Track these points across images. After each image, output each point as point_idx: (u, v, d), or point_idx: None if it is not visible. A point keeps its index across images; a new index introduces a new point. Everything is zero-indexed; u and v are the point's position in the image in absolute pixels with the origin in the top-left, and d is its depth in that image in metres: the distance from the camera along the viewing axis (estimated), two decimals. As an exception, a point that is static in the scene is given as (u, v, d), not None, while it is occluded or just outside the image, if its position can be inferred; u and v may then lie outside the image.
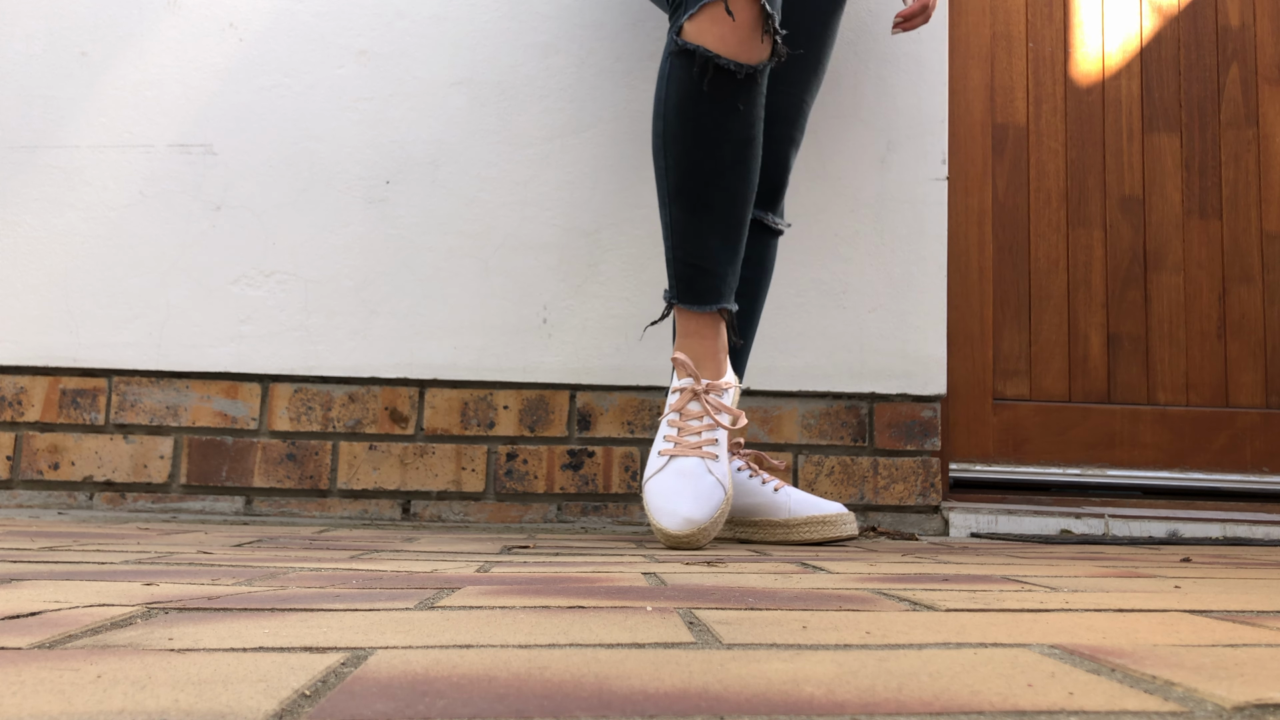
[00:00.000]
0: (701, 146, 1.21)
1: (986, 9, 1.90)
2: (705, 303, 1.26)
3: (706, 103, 1.20)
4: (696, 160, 1.22)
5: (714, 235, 1.24)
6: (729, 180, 1.23)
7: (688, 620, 0.56)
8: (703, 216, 1.23)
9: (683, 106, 1.21)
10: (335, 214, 1.73)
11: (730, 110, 1.21)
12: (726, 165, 1.22)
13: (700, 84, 1.19)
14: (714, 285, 1.25)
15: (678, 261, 1.25)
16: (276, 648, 0.46)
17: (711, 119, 1.20)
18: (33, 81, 1.75)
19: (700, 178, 1.22)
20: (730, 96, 1.20)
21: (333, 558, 0.97)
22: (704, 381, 1.24)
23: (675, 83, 1.21)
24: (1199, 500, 1.78)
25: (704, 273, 1.25)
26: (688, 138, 1.22)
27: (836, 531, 1.37)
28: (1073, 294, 1.84)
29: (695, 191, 1.23)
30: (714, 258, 1.25)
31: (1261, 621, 0.59)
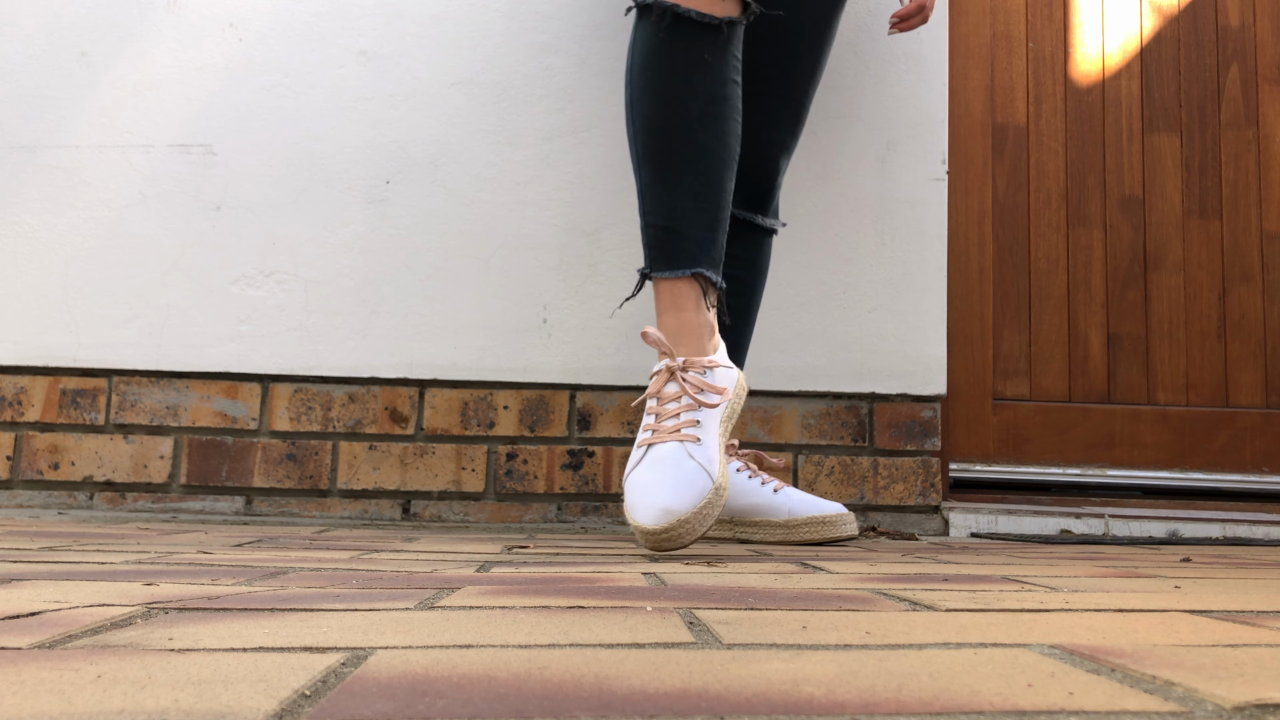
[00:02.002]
0: (667, 103, 1.16)
1: (986, 9, 1.90)
2: (677, 266, 1.16)
3: (668, 56, 1.15)
4: (662, 118, 1.16)
5: (685, 196, 1.16)
6: (699, 137, 1.16)
7: (688, 620, 0.56)
8: (670, 176, 1.16)
9: (645, 63, 1.16)
10: (335, 214, 1.73)
11: (695, 63, 1.15)
12: (695, 122, 1.16)
13: (660, 36, 1.15)
14: (685, 248, 1.16)
15: (648, 227, 1.17)
16: (276, 648, 0.46)
17: (676, 73, 1.15)
18: (33, 81, 1.75)
19: (666, 136, 1.16)
20: (693, 48, 1.15)
21: (333, 558, 0.97)
22: (679, 359, 1.13)
23: (639, 41, 1.17)
24: (1199, 500, 1.78)
25: (675, 234, 1.16)
26: (651, 95, 1.16)
27: (837, 532, 1.36)
28: (1073, 294, 1.84)
29: (662, 150, 1.16)
30: (686, 219, 1.16)
31: (1261, 621, 0.59)
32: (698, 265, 1.16)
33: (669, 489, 1.05)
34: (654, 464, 1.07)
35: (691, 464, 1.07)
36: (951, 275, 1.83)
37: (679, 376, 1.12)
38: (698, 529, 1.05)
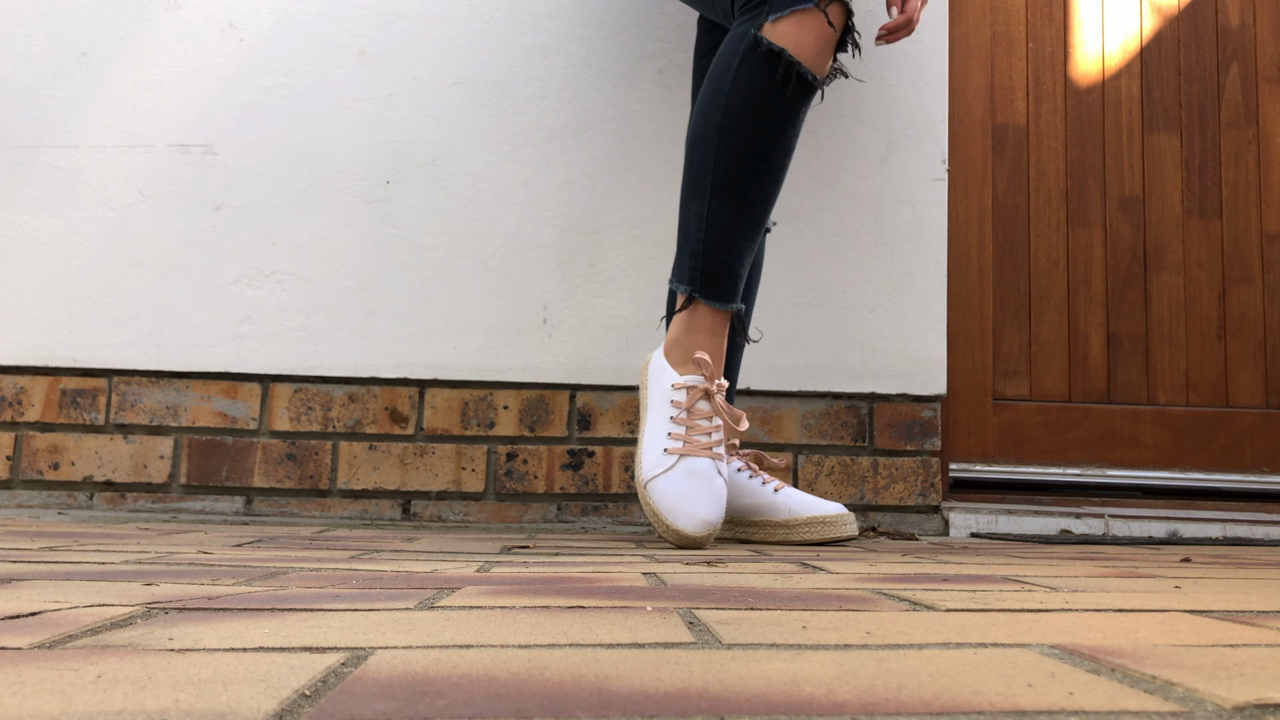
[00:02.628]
0: (760, 147, 1.21)
1: (986, 9, 1.90)
2: (729, 300, 1.24)
3: (777, 106, 1.20)
4: (752, 161, 1.21)
5: (746, 236, 1.24)
6: (772, 184, 1.24)
7: (688, 620, 0.56)
8: (742, 216, 1.23)
9: (750, 104, 1.20)
10: (335, 214, 1.73)
11: (793, 119, 1.22)
12: (774, 169, 1.23)
13: (783, 87, 1.19)
14: (737, 284, 1.25)
15: (708, 255, 1.23)
16: (276, 648, 0.46)
17: (776, 122, 1.21)
18: (33, 81, 1.75)
19: (751, 178, 1.22)
20: (799, 104, 1.21)
21: (333, 558, 0.97)
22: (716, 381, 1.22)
23: (748, 79, 1.20)
24: (1199, 500, 1.78)
25: (731, 270, 1.24)
26: (747, 137, 1.21)
27: (837, 532, 1.36)
28: (1073, 294, 1.85)
29: (742, 188, 1.22)
30: (741, 257, 1.24)
31: (1261, 621, 0.59)
32: (740, 301, 1.26)
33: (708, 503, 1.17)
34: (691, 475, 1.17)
35: (721, 481, 1.19)
36: (951, 275, 1.83)
37: (714, 399, 1.21)
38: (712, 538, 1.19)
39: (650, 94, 1.76)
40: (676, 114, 1.75)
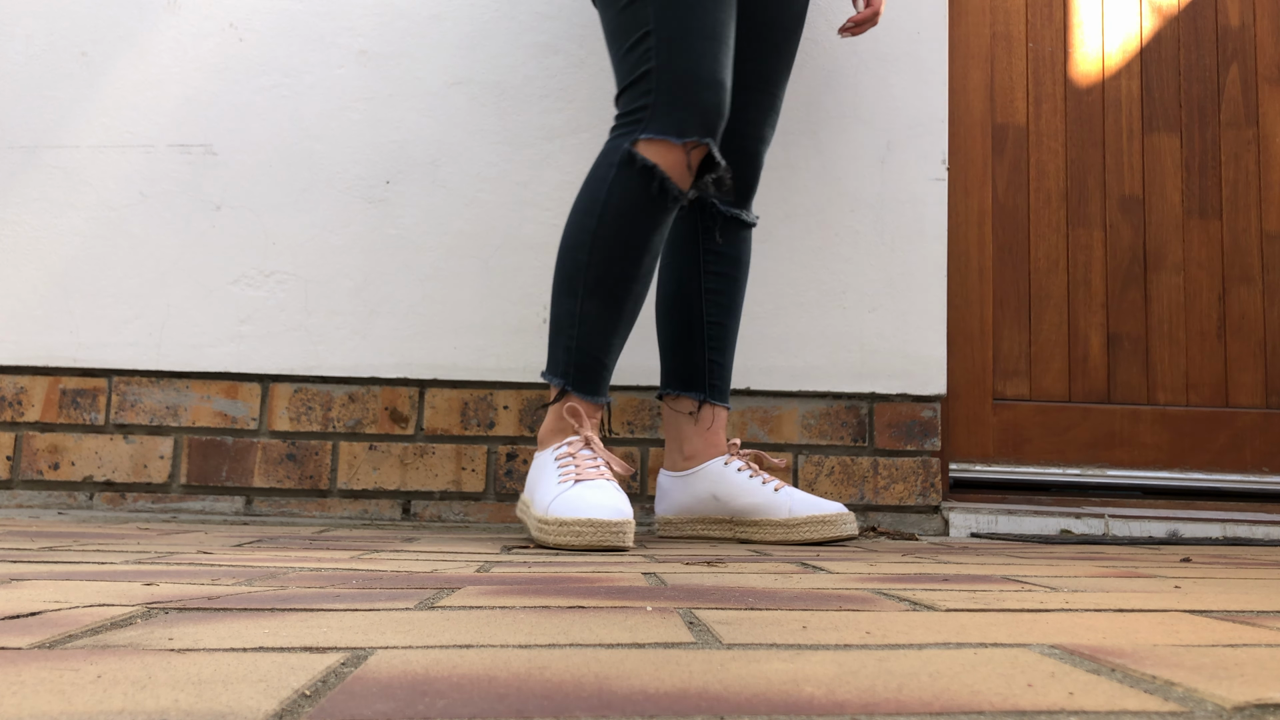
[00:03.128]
0: (632, 254, 1.30)
1: (986, 9, 1.90)
2: (601, 395, 1.32)
3: (646, 218, 1.29)
4: (623, 266, 1.30)
5: (618, 336, 1.32)
6: (641, 288, 1.33)
7: (688, 620, 0.56)
8: (614, 318, 1.31)
9: (624, 213, 1.29)
10: (335, 214, 1.73)
11: (662, 228, 1.31)
12: (643, 274, 1.32)
13: (653, 200, 1.28)
14: (607, 379, 1.33)
15: (580, 352, 1.31)
16: (276, 648, 0.46)
17: (647, 230, 1.30)
18: (33, 81, 1.75)
19: (623, 283, 1.30)
20: (666, 216, 1.30)
21: (333, 558, 0.97)
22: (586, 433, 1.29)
23: (620, 190, 1.29)
24: (1199, 500, 1.78)
25: (604, 368, 1.32)
26: (621, 244, 1.29)
27: (837, 531, 1.36)
28: (1073, 294, 1.85)
29: (613, 293, 1.30)
30: (613, 355, 1.33)
31: (1261, 621, 0.59)
32: (608, 396, 1.34)
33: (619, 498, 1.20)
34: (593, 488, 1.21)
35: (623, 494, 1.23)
36: (951, 275, 1.83)
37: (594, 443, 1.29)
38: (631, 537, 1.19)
39: (650, 94, 1.76)
40: (676, 114, 1.75)
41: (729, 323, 1.51)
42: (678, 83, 1.26)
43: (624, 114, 1.30)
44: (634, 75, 1.29)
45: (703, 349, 1.49)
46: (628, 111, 1.30)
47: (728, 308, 1.50)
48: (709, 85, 1.27)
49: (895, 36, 1.79)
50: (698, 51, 1.27)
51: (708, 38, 1.27)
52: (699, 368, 1.48)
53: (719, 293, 1.49)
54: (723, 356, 1.50)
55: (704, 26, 1.27)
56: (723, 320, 1.50)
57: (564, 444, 1.29)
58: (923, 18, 1.79)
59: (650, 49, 1.27)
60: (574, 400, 1.31)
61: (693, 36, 1.27)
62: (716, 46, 1.28)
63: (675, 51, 1.26)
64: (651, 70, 1.27)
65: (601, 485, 1.22)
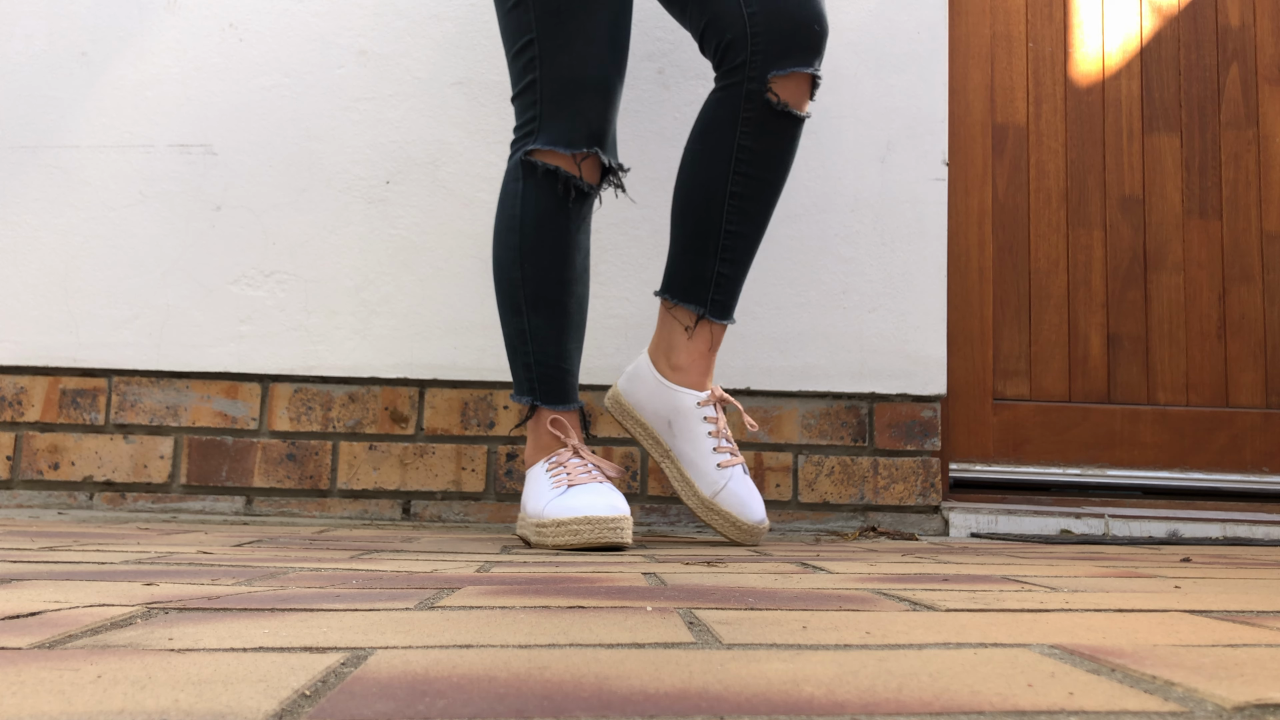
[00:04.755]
0: (560, 258, 1.31)
1: (986, 9, 1.90)
2: (570, 401, 1.33)
3: (563, 218, 1.30)
4: (556, 271, 1.31)
5: (572, 339, 1.33)
6: (579, 287, 1.33)
7: (688, 620, 0.56)
8: (561, 322, 1.32)
9: (542, 220, 1.30)
10: (335, 214, 1.73)
11: (581, 223, 1.32)
12: (577, 274, 1.33)
13: (565, 201, 1.29)
14: (572, 384, 1.33)
15: (539, 365, 1.31)
16: (276, 648, 0.46)
17: (569, 233, 1.31)
18: (33, 81, 1.75)
19: (560, 287, 1.31)
20: (580, 211, 1.32)
21: (333, 558, 0.97)
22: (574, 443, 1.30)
23: (531, 199, 1.30)
24: (1199, 500, 1.78)
25: (566, 373, 1.32)
26: (547, 250, 1.30)
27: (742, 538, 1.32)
28: (1073, 294, 1.84)
29: (554, 300, 1.31)
30: (572, 359, 1.33)
31: (1261, 621, 0.59)
32: (577, 401, 1.35)
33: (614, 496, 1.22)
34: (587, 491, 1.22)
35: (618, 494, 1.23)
36: (951, 275, 1.83)
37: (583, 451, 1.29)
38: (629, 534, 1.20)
39: (650, 94, 1.76)
40: (676, 114, 1.75)
41: (751, 233, 1.32)
42: (562, 92, 1.27)
43: (518, 125, 1.33)
44: (522, 84, 1.31)
45: (713, 258, 1.31)
46: (521, 123, 1.32)
47: (753, 216, 1.31)
48: (592, 90, 1.27)
49: (895, 36, 1.78)
50: (579, 56, 1.27)
51: (589, 40, 1.27)
52: (704, 278, 1.32)
53: (745, 198, 1.30)
54: (735, 270, 1.33)
55: (584, 30, 1.26)
56: (744, 230, 1.31)
57: (553, 456, 1.29)
58: (923, 18, 1.79)
59: (534, 57, 1.28)
60: (545, 415, 1.31)
61: (574, 41, 1.26)
62: (600, 48, 1.27)
63: (557, 60, 1.27)
64: (535, 80, 1.28)
65: (595, 487, 1.22)
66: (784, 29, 1.26)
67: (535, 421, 1.32)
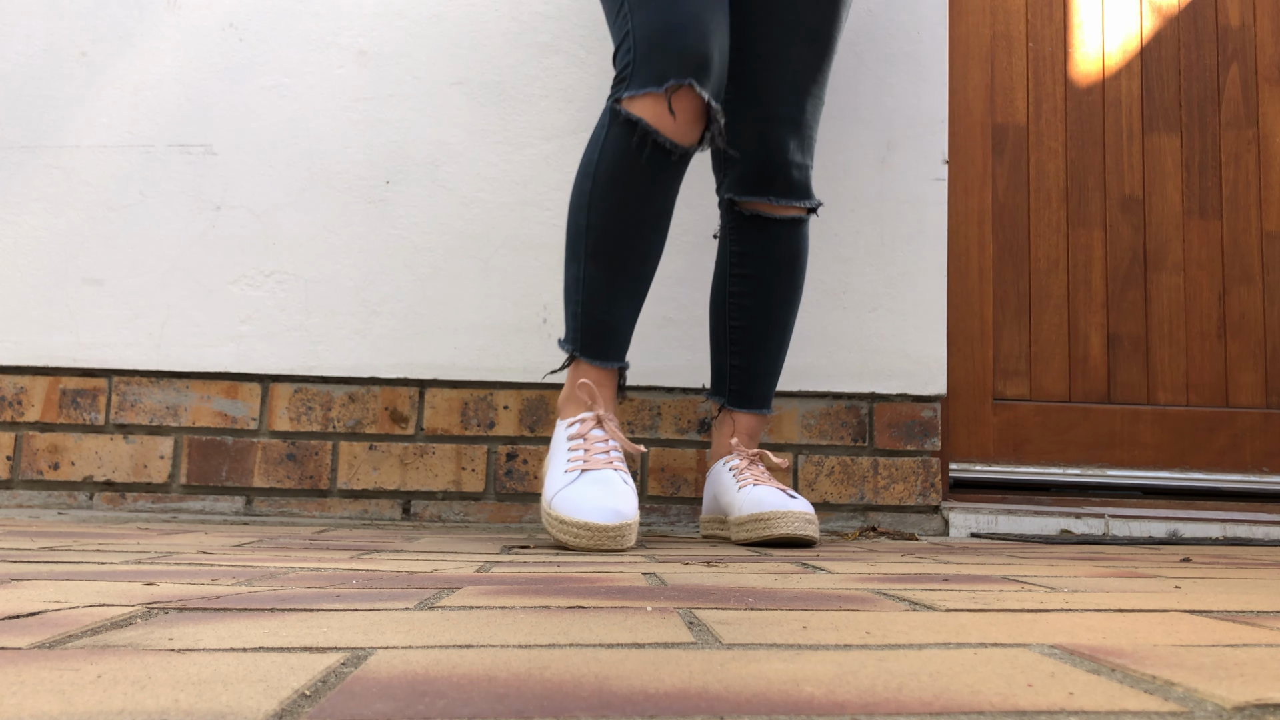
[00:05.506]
0: (628, 213, 1.28)
1: (986, 9, 1.90)
2: (611, 359, 1.30)
3: (639, 174, 1.27)
4: (620, 226, 1.28)
5: (625, 296, 1.30)
6: (645, 246, 1.30)
7: (688, 620, 0.56)
8: (617, 278, 1.29)
9: (614, 173, 1.27)
10: (335, 214, 1.73)
11: (658, 183, 1.28)
12: (645, 233, 1.30)
13: (639, 155, 1.26)
14: (619, 344, 1.31)
15: (586, 316, 1.29)
16: (276, 648, 0.46)
17: (642, 189, 1.28)
18: (33, 81, 1.75)
19: (622, 242, 1.29)
20: (661, 171, 1.28)
21: (333, 558, 0.97)
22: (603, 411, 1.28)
23: (609, 149, 1.28)
24: (1199, 500, 1.78)
25: (613, 331, 1.30)
26: (615, 203, 1.28)
27: (768, 530, 1.28)
28: (1073, 294, 1.84)
29: (614, 254, 1.29)
30: (622, 317, 1.30)
31: (1261, 621, 0.59)
32: (623, 359, 1.32)
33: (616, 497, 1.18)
34: (595, 483, 1.20)
35: (629, 487, 1.21)
36: (951, 275, 1.83)
37: (607, 424, 1.27)
38: (633, 537, 1.18)
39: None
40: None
41: (755, 325, 1.45)
42: (653, 33, 1.25)
43: (615, 78, 1.29)
44: (619, 38, 1.29)
45: (726, 352, 1.47)
46: (617, 74, 1.29)
47: (753, 310, 1.45)
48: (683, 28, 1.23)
49: (895, 36, 1.79)
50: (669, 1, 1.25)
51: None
52: (723, 371, 1.47)
53: (742, 295, 1.45)
54: (747, 360, 1.46)
55: None
56: (746, 324, 1.45)
57: (577, 420, 1.27)
58: (923, 18, 1.79)
59: (628, 10, 1.27)
60: (584, 367, 1.29)
61: None
62: None
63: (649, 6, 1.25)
64: (630, 30, 1.27)
65: (606, 479, 1.20)
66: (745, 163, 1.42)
67: (572, 372, 1.31)
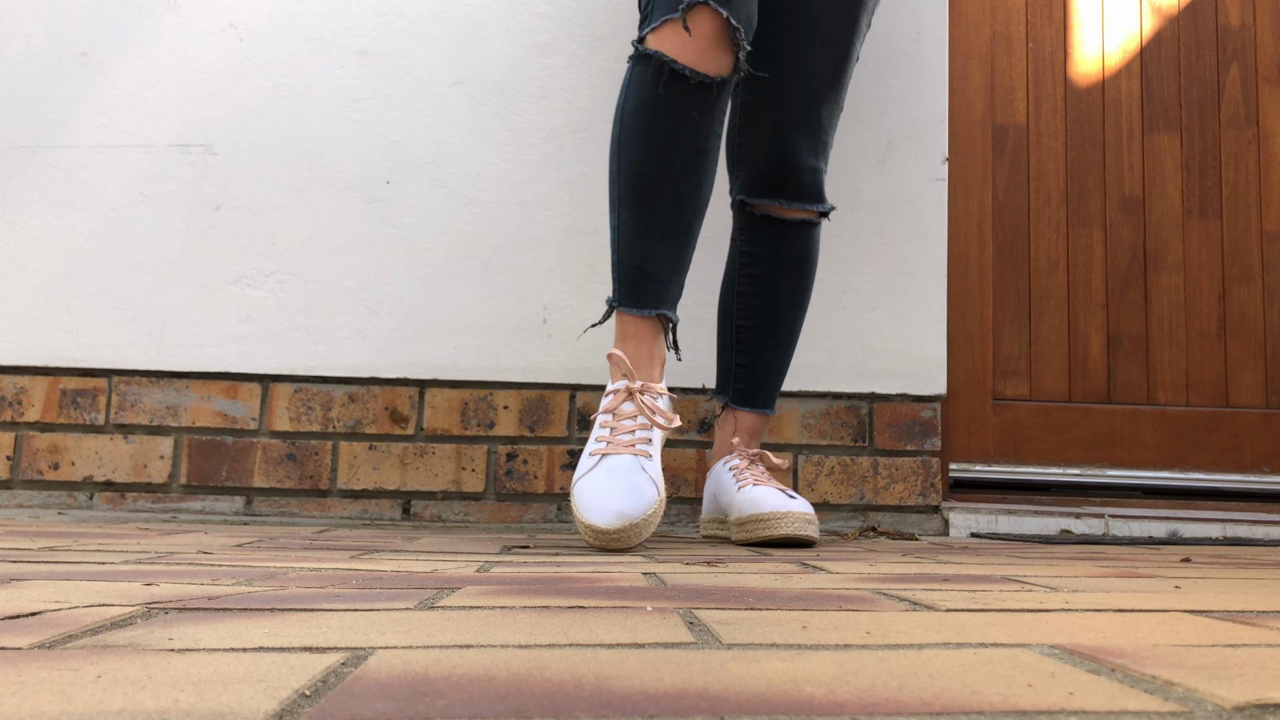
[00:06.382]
0: (653, 150, 1.23)
1: (986, 9, 1.90)
2: (646, 306, 1.24)
3: (662, 107, 1.22)
4: (648, 164, 1.23)
5: (659, 239, 1.24)
6: (680, 188, 1.24)
7: (688, 620, 0.56)
8: (649, 220, 1.24)
9: (639, 110, 1.23)
10: (335, 214, 1.73)
11: (684, 117, 1.22)
12: (679, 173, 1.24)
13: (655, 88, 1.22)
14: (655, 289, 1.25)
15: (622, 264, 1.25)
16: (276, 648, 0.46)
17: (666, 124, 1.22)
18: (33, 81, 1.75)
19: (650, 181, 1.23)
20: (685, 103, 1.22)
21: (333, 558, 0.97)
22: (639, 381, 1.22)
23: (633, 88, 1.24)
24: (1199, 500, 1.78)
25: (647, 275, 1.24)
26: (640, 142, 1.23)
27: (768, 531, 1.27)
28: (1073, 294, 1.84)
29: (644, 195, 1.24)
30: (658, 262, 1.25)
31: (1261, 621, 0.59)
32: (662, 306, 1.25)
33: (624, 496, 1.14)
34: (609, 472, 1.16)
35: (644, 476, 1.16)
36: (951, 275, 1.83)
37: (637, 398, 1.21)
38: (644, 533, 1.14)
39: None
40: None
41: (762, 326, 1.44)
42: None
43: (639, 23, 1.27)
44: None
45: (731, 351, 1.46)
46: (641, 18, 1.27)
47: (759, 311, 1.44)
48: None
49: (895, 36, 1.78)
50: None
51: None
52: (728, 370, 1.46)
53: (750, 295, 1.44)
54: (752, 360, 1.45)
55: None
56: (752, 324, 1.45)
57: (611, 392, 1.22)
58: (923, 18, 1.79)
59: None
60: (623, 318, 1.24)
61: None
62: None
63: None
64: None
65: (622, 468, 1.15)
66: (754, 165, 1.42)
67: (616, 326, 1.26)
